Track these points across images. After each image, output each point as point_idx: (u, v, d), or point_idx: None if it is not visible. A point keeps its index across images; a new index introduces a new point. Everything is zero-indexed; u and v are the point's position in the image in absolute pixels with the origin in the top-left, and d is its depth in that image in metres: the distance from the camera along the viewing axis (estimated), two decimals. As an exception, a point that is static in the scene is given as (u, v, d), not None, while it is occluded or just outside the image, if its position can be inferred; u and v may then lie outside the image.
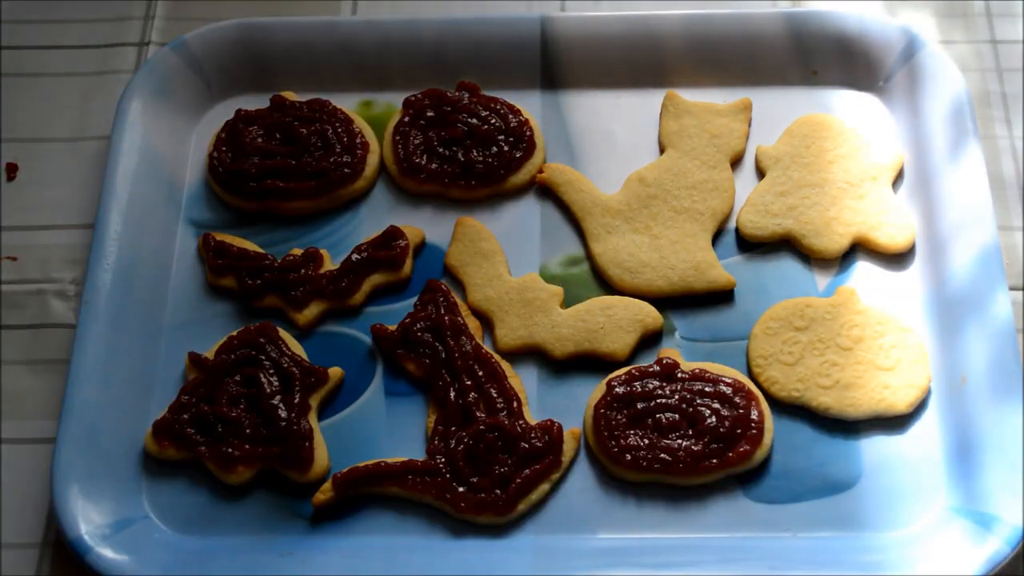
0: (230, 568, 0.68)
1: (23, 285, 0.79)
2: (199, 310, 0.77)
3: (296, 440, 0.70)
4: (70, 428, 0.70)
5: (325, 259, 0.78)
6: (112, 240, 0.77)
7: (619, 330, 0.74)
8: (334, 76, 0.85)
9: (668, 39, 0.84)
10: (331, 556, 0.68)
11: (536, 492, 0.70)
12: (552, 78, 0.84)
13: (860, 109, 0.82)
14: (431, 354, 0.74)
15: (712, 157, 0.80)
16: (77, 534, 0.67)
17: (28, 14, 0.90)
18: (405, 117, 0.82)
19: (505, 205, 0.81)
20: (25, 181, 0.83)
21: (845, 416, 0.71)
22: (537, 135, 0.82)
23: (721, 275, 0.76)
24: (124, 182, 0.79)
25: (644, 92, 0.84)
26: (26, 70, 0.88)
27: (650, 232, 0.78)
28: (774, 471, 0.71)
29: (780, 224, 0.78)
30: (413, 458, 0.71)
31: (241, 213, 0.81)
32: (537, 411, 0.73)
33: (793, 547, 0.68)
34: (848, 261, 0.77)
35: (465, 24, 0.85)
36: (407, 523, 0.70)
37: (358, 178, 0.81)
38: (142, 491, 0.71)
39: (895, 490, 0.70)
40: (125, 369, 0.74)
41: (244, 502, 0.71)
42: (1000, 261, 0.73)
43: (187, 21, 0.89)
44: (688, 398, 0.71)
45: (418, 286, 0.77)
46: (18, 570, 0.70)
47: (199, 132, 0.84)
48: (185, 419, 0.72)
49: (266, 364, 0.73)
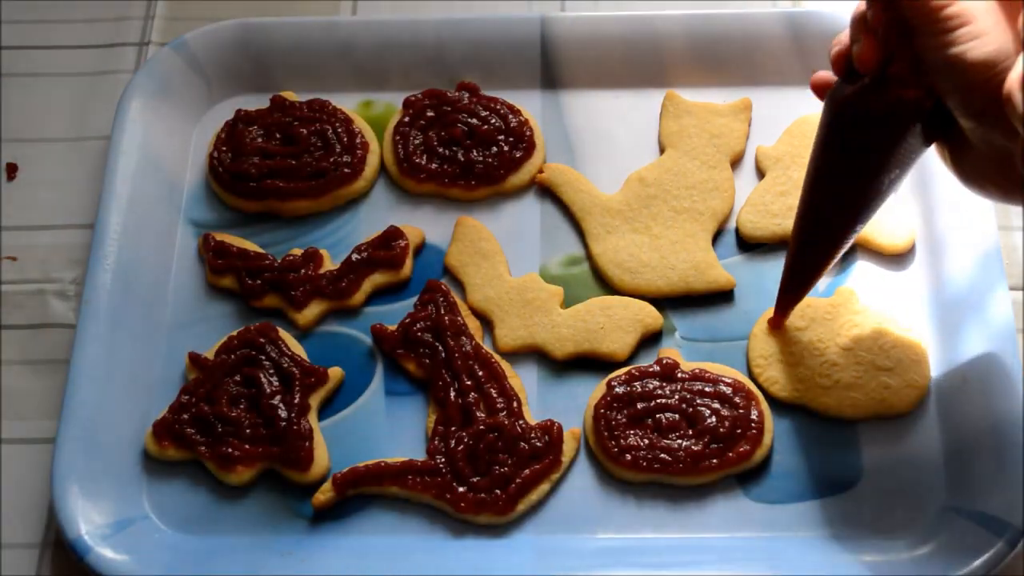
0: (230, 568, 0.68)
1: (23, 285, 0.79)
2: (199, 310, 0.77)
3: (296, 440, 0.70)
4: (70, 428, 0.70)
5: (325, 259, 0.78)
6: (112, 240, 0.77)
7: (619, 330, 0.74)
8: (334, 76, 0.85)
9: (668, 39, 0.84)
10: (331, 556, 0.68)
11: (536, 492, 0.70)
12: (552, 78, 0.84)
13: (860, 109, 0.82)
14: (431, 354, 0.74)
15: (712, 157, 0.80)
16: (77, 534, 0.67)
17: (28, 14, 0.90)
18: (405, 117, 0.82)
19: (505, 205, 0.81)
20: (25, 181, 0.83)
21: (845, 416, 0.71)
22: (537, 135, 0.82)
23: (721, 275, 0.76)
24: (124, 182, 0.79)
25: (644, 92, 0.84)
26: (26, 70, 0.88)
27: (650, 232, 0.78)
28: (774, 471, 0.71)
29: (780, 224, 0.78)
30: (413, 458, 0.71)
31: (241, 213, 0.81)
32: (537, 411, 0.73)
33: (793, 547, 0.68)
34: (848, 261, 0.77)
35: (465, 24, 0.85)
36: (407, 523, 0.70)
37: (358, 178, 0.81)
38: (142, 491, 0.71)
39: (895, 490, 0.70)
40: (125, 369, 0.74)
41: (244, 502, 0.71)
42: (1000, 261, 0.74)
43: (187, 21, 0.89)
44: (688, 398, 0.71)
45: (418, 286, 0.77)
46: (18, 570, 0.70)
47: (199, 132, 0.84)
48: (185, 419, 0.72)
49: (266, 364, 0.73)
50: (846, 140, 0.62)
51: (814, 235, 0.68)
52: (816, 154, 0.64)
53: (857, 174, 0.63)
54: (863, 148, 0.62)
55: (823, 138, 0.63)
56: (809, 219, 0.67)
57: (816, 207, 0.66)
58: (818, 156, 0.64)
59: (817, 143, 0.64)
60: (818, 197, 0.66)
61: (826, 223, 0.66)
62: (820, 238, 0.67)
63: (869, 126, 0.60)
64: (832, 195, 0.65)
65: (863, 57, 0.59)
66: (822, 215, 0.66)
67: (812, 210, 0.66)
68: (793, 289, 0.71)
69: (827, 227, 0.67)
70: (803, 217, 0.67)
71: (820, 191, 0.65)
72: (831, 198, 0.65)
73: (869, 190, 0.63)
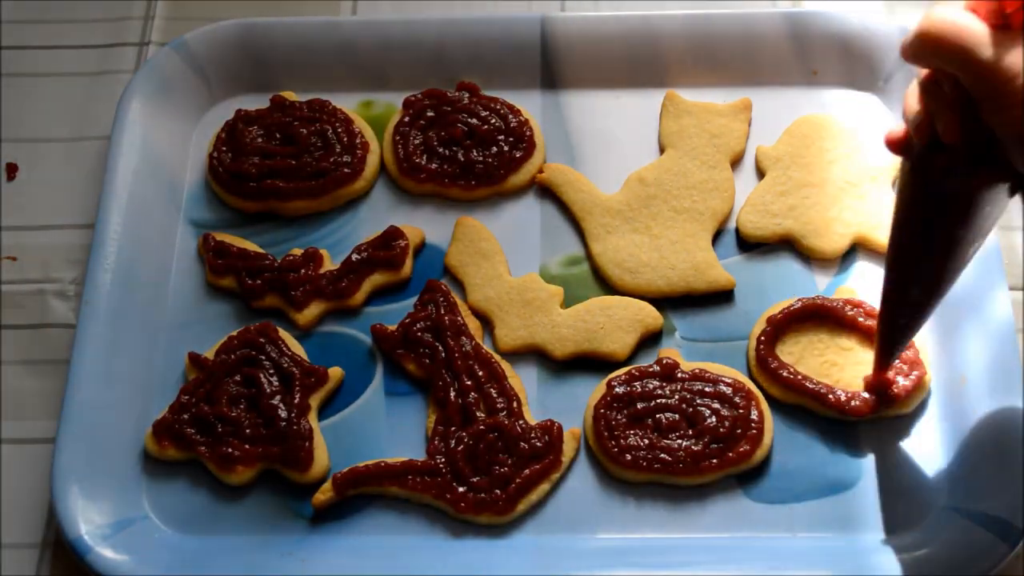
0: (230, 568, 0.68)
1: (23, 285, 0.79)
2: (199, 310, 0.77)
3: (296, 440, 0.70)
4: (70, 428, 0.70)
5: (325, 259, 0.78)
6: (112, 240, 0.77)
7: (619, 330, 0.74)
8: (334, 76, 0.85)
9: (668, 39, 0.84)
10: (331, 556, 0.68)
11: (536, 492, 0.70)
12: (552, 78, 0.84)
13: (860, 109, 0.82)
14: (431, 354, 0.74)
15: (712, 157, 0.80)
16: (77, 534, 0.67)
17: (28, 14, 0.90)
18: (405, 117, 0.82)
19: (505, 205, 0.81)
20: (25, 181, 0.83)
21: (845, 416, 0.71)
22: (537, 135, 0.82)
23: (721, 275, 0.76)
24: (124, 182, 0.79)
25: (644, 92, 0.84)
26: (26, 70, 0.88)
27: (650, 232, 0.78)
28: (774, 471, 0.71)
29: (780, 224, 0.78)
30: (413, 458, 0.71)
31: (241, 213, 0.81)
32: (537, 411, 0.73)
33: (793, 547, 0.68)
34: (848, 261, 0.77)
35: (465, 24, 0.85)
36: (407, 523, 0.70)
37: (358, 178, 0.81)
38: (142, 491, 0.71)
39: (895, 490, 0.70)
40: (125, 369, 0.74)
41: (244, 502, 0.71)
42: (1000, 261, 0.74)
43: (187, 21, 0.89)
44: (688, 398, 0.71)
45: (418, 286, 0.77)
46: (18, 570, 0.70)
47: (199, 132, 0.84)
48: (185, 419, 0.72)
49: (266, 364, 0.73)
50: (940, 208, 0.58)
51: (903, 307, 0.65)
52: (904, 226, 0.61)
53: (950, 242, 0.60)
54: (959, 215, 0.58)
55: (912, 207, 0.60)
56: (898, 291, 0.64)
57: (905, 281, 0.63)
58: (909, 228, 0.61)
59: (902, 214, 0.60)
60: (910, 270, 0.63)
61: (919, 293, 0.63)
62: (909, 310, 0.65)
63: (968, 193, 0.57)
64: (924, 265, 0.62)
65: (948, 130, 0.54)
66: (913, 284, 0.63)
67: (902, 285, 0.64)
68: (888, 352, 0.68)
69: (920, 295, 0.64)
70: (892, 291, 0.64)
71: (909, 263, 0.62)
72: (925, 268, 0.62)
73: (962, 256, 0.61)
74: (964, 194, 0.57)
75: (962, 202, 0.57)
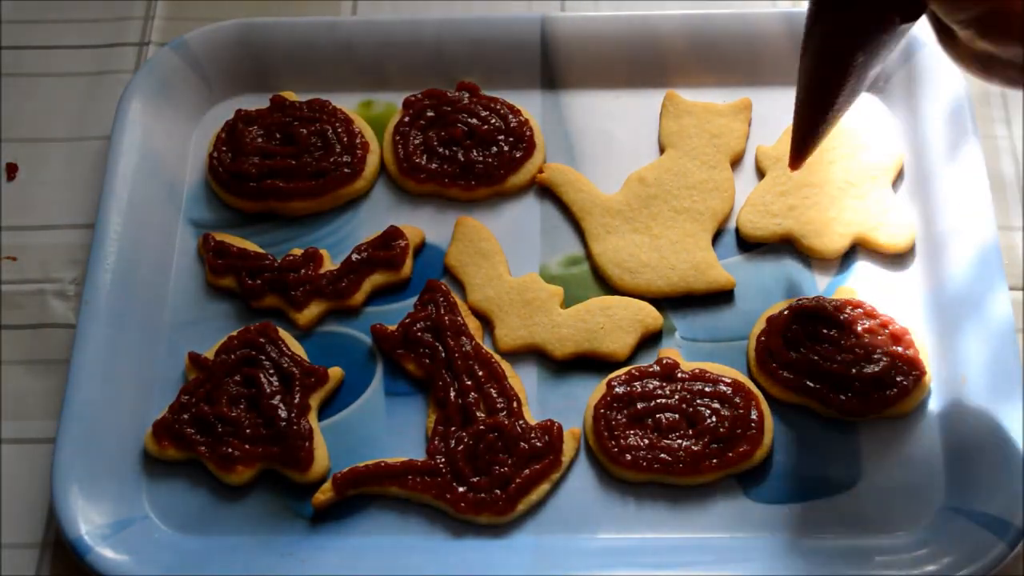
0: (230, 568, 0.68)
1: (23, 285, 0.79)
2: (199, 310, 0.77)
3: (296, 440, 0.70)
4: (70, 428, 0.70)
5: (325, 259, 0.78)
6: (112, 240, 0.77)
7: (619, 330, 0.74)
8: (334, 76, 0.85)
9: (668, 39, 0.84)
10: (331, 556, 0.68)
11: (536, 492, 0.70)
12: (552, 78, 0.84)
13: (860, 109, 0.82)
14: (431, 354, 0.74)
15: (712, 157, 0.80)
16: (77, 534, 0.67)
17: (28, 14, 0.90)
18: (405, 117, 0.82)
19: (505, 205, 0.81)
20: (25, 181, 0.83)
21: (845, 416, 0.71)
22: (537, 135, 0.82)
23: (721, 275, 0.76)
24: (124, 182, 0.79)
25: (644, 92, 0.84)
26: (26, 70, 0.88)
27: (650, 232, 0.78)
28: (774, 471, 0.71)
29: (780, 224, 0.78)
30: (413, 458, 0.71)
31: (241, 213, 0.81)
32: (537, 411, 0.73)
33: (793, 547, 0.68)
34: (848, 261, 0.77)
35: (465, 24, 0.85)
36: (407, 523, 0.70)
37: (358, 178, 0.81)
38: (142, 491, 0.71)
39: (895, 490, 0.70)
40: (125, 369, 0.74)
41: (244, 502, 0.71)
42: (1000, 261, 0.74)
43: (187, 21, 0.89)
44: (688, 398, 0.71)
45: (418, 286, 0.77)
46: (18, 570, 0.70)
47: (199, 132, 0.84)
48: (185, 419, 0.72)
49: (266, 364, 0.73)
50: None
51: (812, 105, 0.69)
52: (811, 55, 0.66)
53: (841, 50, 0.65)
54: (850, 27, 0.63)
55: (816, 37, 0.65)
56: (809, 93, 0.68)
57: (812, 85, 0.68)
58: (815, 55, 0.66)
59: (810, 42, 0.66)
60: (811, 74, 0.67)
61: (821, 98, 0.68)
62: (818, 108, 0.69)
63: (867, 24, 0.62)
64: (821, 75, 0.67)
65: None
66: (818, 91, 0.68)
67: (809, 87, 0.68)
68: (803, 142, 0.71)
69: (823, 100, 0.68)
70: (803, 90, 0.69)
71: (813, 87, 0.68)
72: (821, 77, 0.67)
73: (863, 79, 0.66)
74: (863, 25, 0.62)
75: (860, 31, 0.62)
